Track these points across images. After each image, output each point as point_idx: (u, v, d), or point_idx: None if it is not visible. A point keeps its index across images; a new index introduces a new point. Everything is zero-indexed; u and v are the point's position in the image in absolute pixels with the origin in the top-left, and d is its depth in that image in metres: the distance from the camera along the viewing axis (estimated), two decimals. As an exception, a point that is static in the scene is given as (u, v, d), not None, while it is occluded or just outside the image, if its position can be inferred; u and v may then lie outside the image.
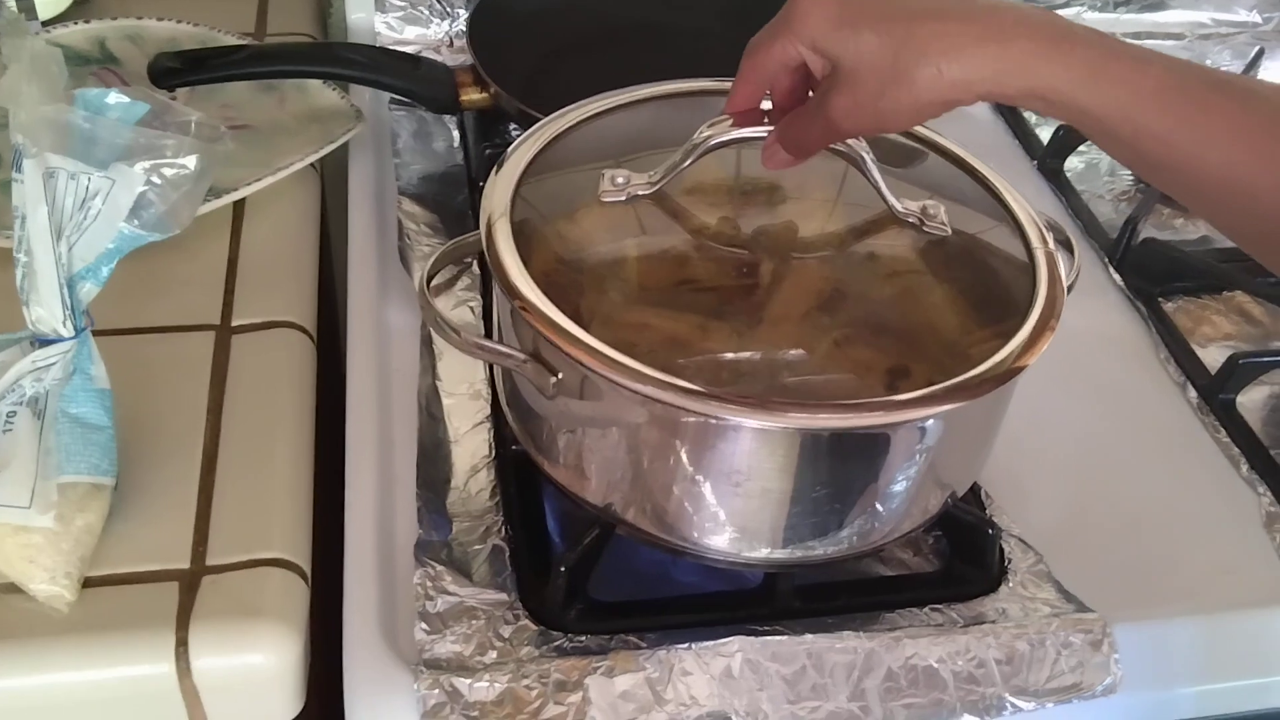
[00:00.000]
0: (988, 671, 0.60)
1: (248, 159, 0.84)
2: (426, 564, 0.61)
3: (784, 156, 0.59)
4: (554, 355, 0.56)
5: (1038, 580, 0.64)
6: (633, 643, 0.59)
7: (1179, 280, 0.86)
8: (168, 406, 0.67)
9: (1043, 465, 0.72)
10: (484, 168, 0.87)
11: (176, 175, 0.57)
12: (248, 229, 0.80)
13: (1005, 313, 0.64)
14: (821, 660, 0.59)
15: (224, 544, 0.61)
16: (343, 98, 0.90)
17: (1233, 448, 0.73)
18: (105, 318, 0.62)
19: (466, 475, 0.67)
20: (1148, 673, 0.62)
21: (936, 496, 0.61)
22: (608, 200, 0.63)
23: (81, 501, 0.59)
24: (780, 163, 0.59)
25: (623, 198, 0.63)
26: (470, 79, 0.87)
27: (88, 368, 0.59)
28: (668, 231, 0.67)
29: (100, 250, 0.57)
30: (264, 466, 0.65)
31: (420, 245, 0.81)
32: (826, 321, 0.63)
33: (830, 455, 0.55)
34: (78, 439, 0.59)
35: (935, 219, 0.63)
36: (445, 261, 0.63)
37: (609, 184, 0.63)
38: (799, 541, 0.58)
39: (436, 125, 0.94)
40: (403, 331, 0.76)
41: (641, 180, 0.63)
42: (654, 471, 0.57)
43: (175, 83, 0.81)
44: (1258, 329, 0.84)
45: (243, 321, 0.73)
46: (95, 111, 0.57)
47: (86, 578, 0.58)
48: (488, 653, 0.59)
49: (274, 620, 0.58)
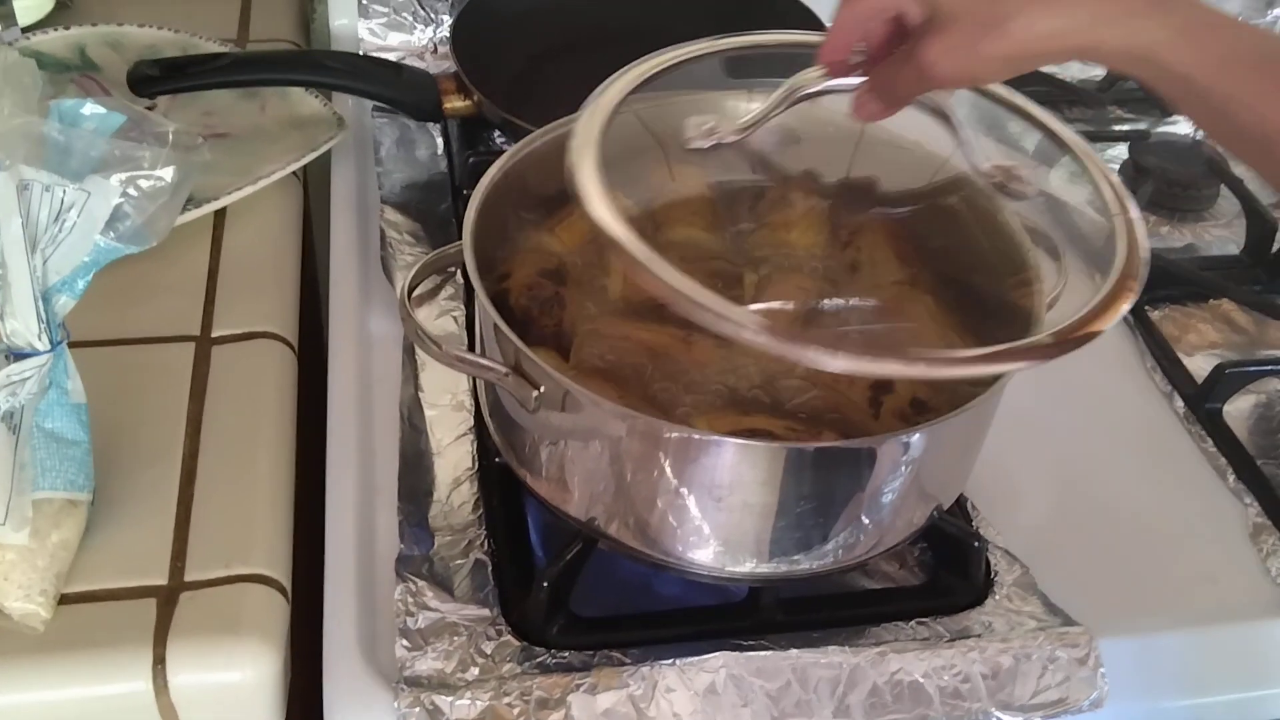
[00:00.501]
0: (973, 686, 0.59)
1: (229, 167, 0.83)
2: (408, 579, 0.61)
3: (875, 106, 0.57)
4: (535, 370, 0.55)
5: (1024, 593, 0.64)
6: (616, 658, 0.59)
7: (1165, 289, 0.85)
8: (147, 418, 0.67)
9: (1029, 475, 0.71)
10: (468, 176, 0.86)
11: (153, 187, 0.57)
12: (229, 238, 0.80)
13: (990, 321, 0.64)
14: (806, 675, 0.59)
15: (203, 559, 0.60)
16: (325, 105, 0.90)
17: (1219, 458, 0.73)
18: (83, 328, 0.61)
19: (449, 488, 0.67)
20: (1134, 687, 0.61)
21: (923, 509, 0.61)
22: (693, 146, 0.63)
23: (57, 517, 0.58)
24: (871, 113, 0.57)
25: (708, 144, 0.63)
26: (453, 86, 0.86)
27: (64, 382, 0.58)
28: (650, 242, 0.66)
29: (76, 263, 0.56)
30: (244, 480, 0.64)
31: (403, 255, 0.80)
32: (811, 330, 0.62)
33: (815, 469, 0.55)
34: (53, 454, 0.58)
35: (1019, 181, 0.61)
36: (427, 273, 0.63)
37: (694, 131, 0.63)
38: (783, 556, 0.58)
39: (420, 133, 0.93)
40: (385, 341, 0.75)
41: (730, 128, 0.63)
42: (636, 486, 0.56)
43: (155, 91, 0.80)
44: (1243, 337, 0.84)
45: (223, 332, 0.73)
46: (70, 123, 0.56)
47: (62, 594, 0.58)
48: (469, 669, 0.58)
49: (253, 637, 0.57)
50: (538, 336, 0.61)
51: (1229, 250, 0.91)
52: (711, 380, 0.60)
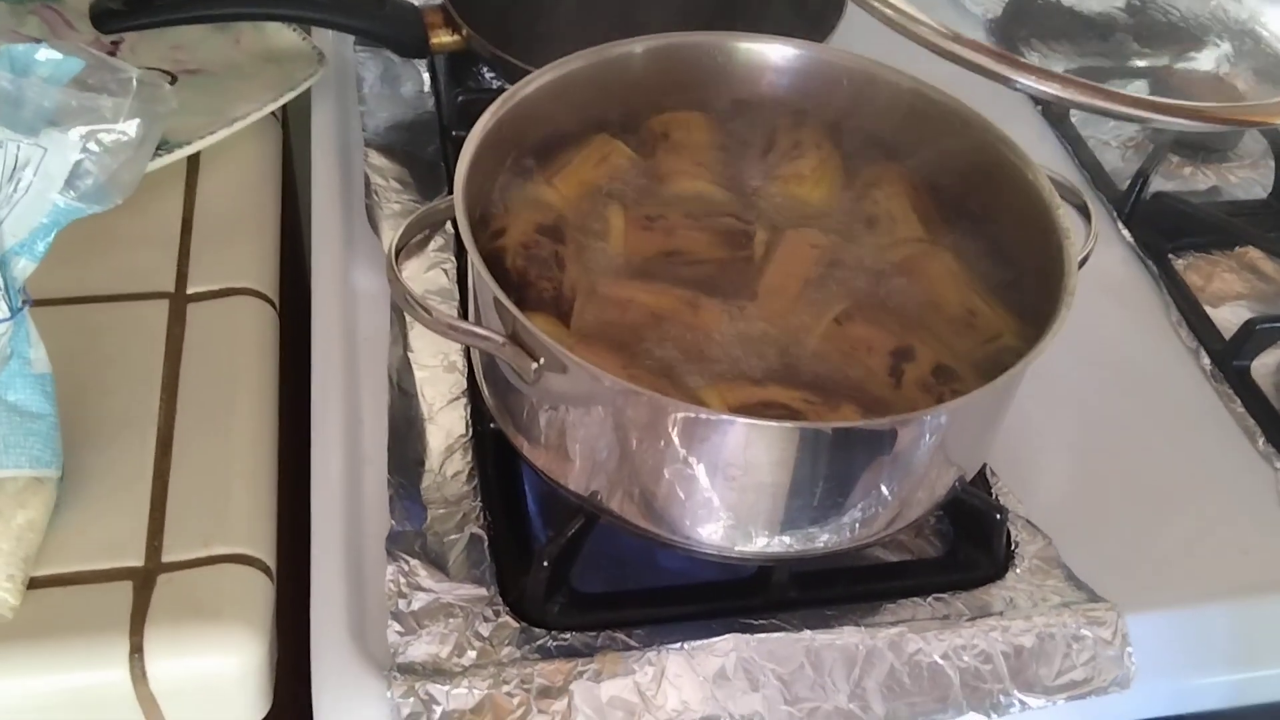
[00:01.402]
0: (994, 668, 0.56)
1: (201, 106, 0.78)
2: (399, 558, 0.57)
3: None
4: (534, 340, 0.51)
5: (1046, 566, 0.61)
6: (620, 641, 0.56)
7: (1190, 236, 0.81)
8: (118, 384, 0.63)
9: (1049, 438, 0.68)
10: (456, 115, 0.82)
11: (116, 142, 0.52)
12: (203, 185, 0.75)
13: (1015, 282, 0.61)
14: (820, 658, 0.56)
15: (181, 537, 0.57)
16: (304, 38, 0.84)
17: (1248, 419, 0.70)
18: (46, 285, 0.57)
19: (441, 456, 0.63)
20: (1161, 664, 0.59)
21: (945, 481, 0.57)
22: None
23: (21, 496, 0.54)
24: None
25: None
26: (440, 20, 0.81)
27: (25, 351, 0.54)
28: (654, 197, 0.62)
29: (34, 225, 0.52)
30: (224, 450, 0.61)
31: (389, 203, 0.75)
32: (824, 296, 0.59)
33: (834, 448, 0.51)
34: (15, 429, 0.54)
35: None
36: (415, 231, 0.58)
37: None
38: (797, 535, 0.54)
39: (405, 67, 0.88)
40: (371, 296, 0.71)
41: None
42: (642, 461, 0.53)
43: (120, 27, 0.75)
44: (1270, 286, 0.80)
45: (199, 288, 0.68)
46: (22, 71, 0.51)
47: (32, 578, 0.54)
48: (466, 653, 0.55)
49: (235, 621, 0.54)
50: (536, 300, 0.57)
51: (1255, 193, 0.87)
52: (721, 347, 0.57)
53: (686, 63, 0.66)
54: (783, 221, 0.62)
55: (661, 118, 0.66)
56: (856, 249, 0.61)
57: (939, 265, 0.61)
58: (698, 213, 0.61)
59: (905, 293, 0.60)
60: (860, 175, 0.65)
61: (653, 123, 0.66)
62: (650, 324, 0.57)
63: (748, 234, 0.60)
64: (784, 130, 0.66)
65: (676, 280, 0.58)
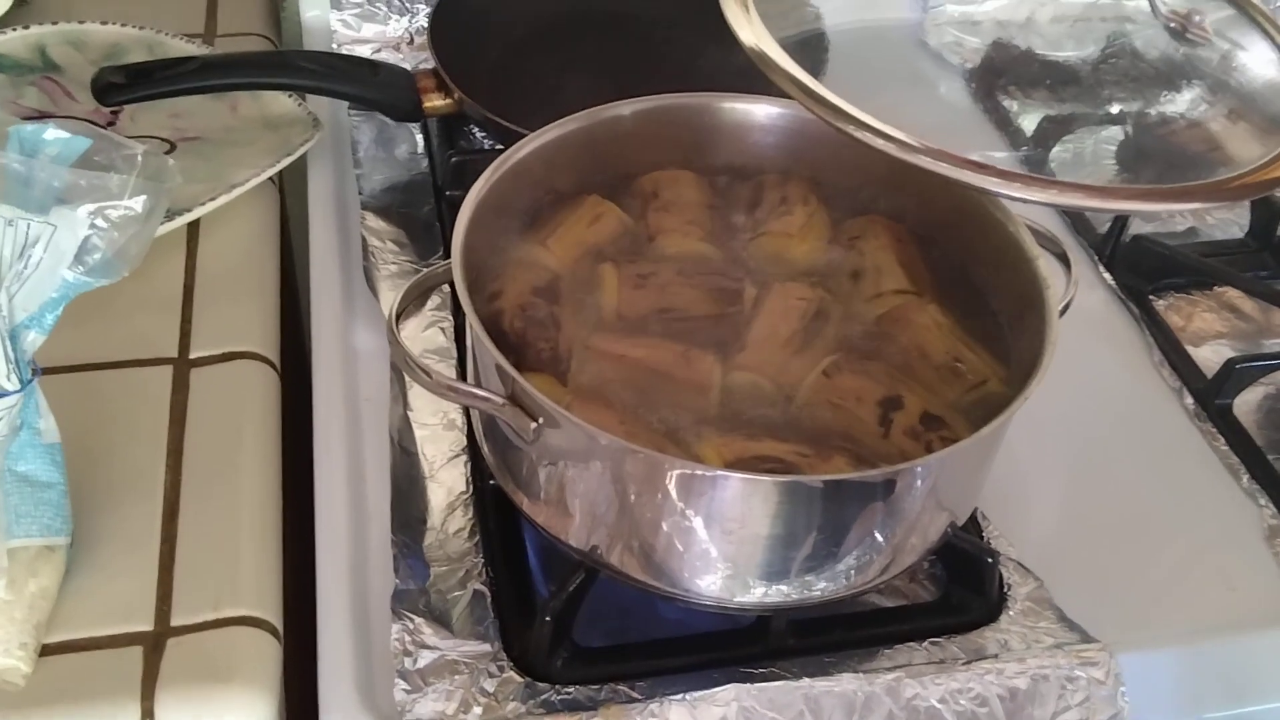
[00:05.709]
0: (991, 710, 0.58)
1: (200, 173, 0.80)
2: (404, 616, 0.58)
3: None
4: (533, 401, 0.52)
5: (1038, 607, 0.62)
6: (623, 693, 0.57)
7: (1170, 277, 0.83)
8: (124, 449, 0.64)
9: (1037, 479, 0.70)
10: (450, 175, 0.83)
11: (123, 217, 0.53)
12: (203, 250, 0.76)
13: (1000, 329, 0.62)
14: (819, 705, 0.57)
15: (190, 601, 0.58)
16: (299, 104, 0.86)
17: (1231, 456, 0.71)
18: (54, 353, 0.58)
19: (443, 514, 0.64)
20: (1153, 703, 0.60)
21: (937, 527, 0.58)
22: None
23: (33, 565, 0.55)
24: None
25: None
26: (433, 84, 0.83)
27: (35, 421, 0.56)
28: (646, 255, 0.64)
29: (44, 299, 0.53)
30: (230, 512, 0.62)
31: (386, 264, 0.77)
32: (813, 348, 0.60)
33: (827, 500, 0.53)
34: (27, 499, 0.55)
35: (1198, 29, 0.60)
36: (414, 295, 0.60)
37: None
38: (794, 583, 0.56)
39: (399, 130, 0.90)
40: (371, 356, 0.73)
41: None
42: (641, 516, 0.54)
43: (121, 100, 0.77)
44: (1250, 325, 0.82)
45: (202, 353, 0.70)
46: (31, 151, 0.53)
47: (44, 645, 0.55)
48: (471, 709, 0.56)
49: (245, 684, 0.55)
50: (534, 360, 0.58)
51: (1233, 233, 0.89)
52: (714, 399, 0.58)
53: (674, 123, 0.68)
54: (771, 275, 0.63)
55: (651, 176, 0.68)
56: (843, 301, 0.63)
57: (924, 315, 0.62)
58: (688, 270, 0.62)
59: (892, 343, 0.61)
60: (846, 229, 0.66)
61: (643, 181, 0.68)
62: (646, 379, 0.58)
63: (737, 290, 0.62)
64: (771, 186, 0.68)
65: (669, 335, 0.60)
